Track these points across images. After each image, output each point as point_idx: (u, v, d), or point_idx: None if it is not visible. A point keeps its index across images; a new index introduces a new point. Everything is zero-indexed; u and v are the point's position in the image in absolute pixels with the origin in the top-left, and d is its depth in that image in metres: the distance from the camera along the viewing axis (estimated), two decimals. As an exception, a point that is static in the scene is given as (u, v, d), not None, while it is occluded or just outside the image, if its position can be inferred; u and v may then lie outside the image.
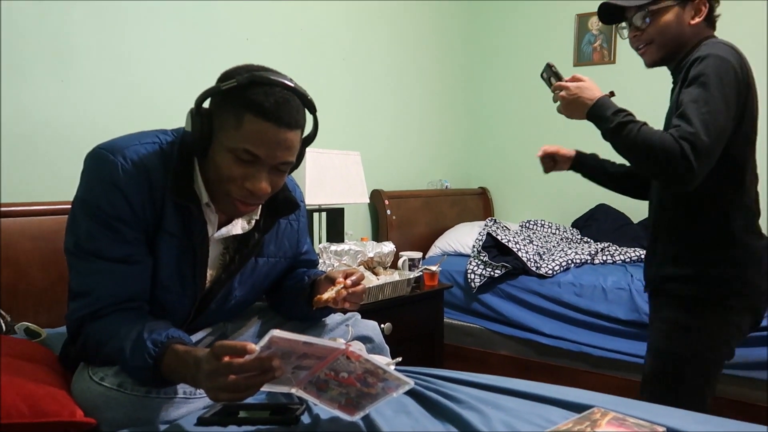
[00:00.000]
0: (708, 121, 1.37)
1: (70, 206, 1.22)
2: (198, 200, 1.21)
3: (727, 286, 1.53)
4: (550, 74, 1.67)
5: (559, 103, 1.61)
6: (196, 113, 1.16)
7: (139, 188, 1.16)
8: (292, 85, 1.17)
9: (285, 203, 1.35)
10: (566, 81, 1.60)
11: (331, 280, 1.31)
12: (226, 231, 1.28)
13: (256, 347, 0.92)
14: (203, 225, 1.22)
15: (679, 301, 1.57)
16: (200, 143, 1.16)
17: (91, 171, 1.18)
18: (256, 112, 1.12)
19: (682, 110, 1.41)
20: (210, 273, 1.30)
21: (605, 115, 1.50)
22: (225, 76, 1.17)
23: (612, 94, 1.57)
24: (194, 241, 1.22)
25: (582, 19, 3.72)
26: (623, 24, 1.65)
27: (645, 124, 1.46)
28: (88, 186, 1.18)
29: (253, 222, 1.32)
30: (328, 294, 1.23)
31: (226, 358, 0.93)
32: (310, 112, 1.23)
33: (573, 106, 1.57)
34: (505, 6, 4.08)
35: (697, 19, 1.55)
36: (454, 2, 3.99)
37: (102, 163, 1.16)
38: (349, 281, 1.27)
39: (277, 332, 0.90)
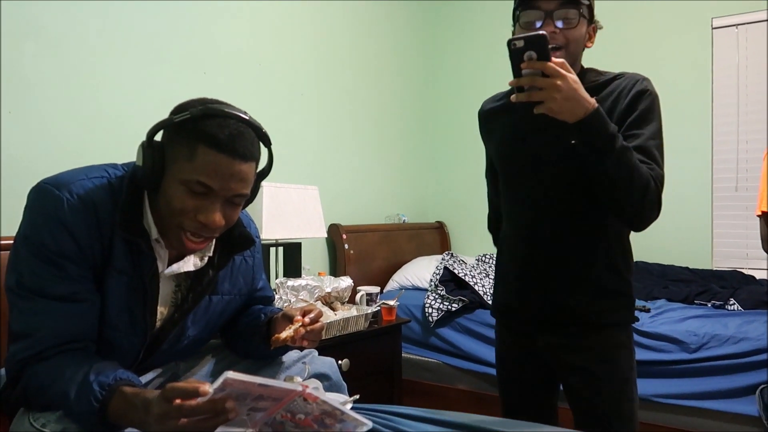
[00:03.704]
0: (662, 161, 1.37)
1: (12, 243, 1.16)
2: (147, 236, 1.17)
3: None
4: (540, 49, 1.15)
5: (542, 91, 1.17)
6: (148, 146, 1.13)
7: (86, 224, 1.12)
8: (247, 117, 1.16)
9: (240, 239, 1.32)
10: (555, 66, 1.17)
11: (288, 318, 1.28)
12: (177, 267, 1.24)
13: (209, 389, 0.88)
14: (153, 261, 1.19)
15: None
16: (152, 176, 1.13)
17: (35, 206, 1.14)
18: (210, 143, 1.10)
19: (648, 149, 1.34)
20: (161, 311, 1.25)
21: (609, 131, 1.23)
22: (178, 109, 1.15)
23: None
24: (144, 277, 1.18)
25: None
26: (533, 14, 1.36)
27: None
28: (32, 222, 1.13)
29: (206, 259, 1.29)
30: (286, 333, 1.21)
31: (178, 401, 0.89)
32: (265, 146, 1.22)
33: (572, 104, 1.18)
34: (463, 46, 4.19)
35: (589, 44, 1.44)
36: (413, 40, 4.07)
37: (46, 198, 1.12)
38: (307, 319, 1.25)
39: (231, 374, 0.87)
